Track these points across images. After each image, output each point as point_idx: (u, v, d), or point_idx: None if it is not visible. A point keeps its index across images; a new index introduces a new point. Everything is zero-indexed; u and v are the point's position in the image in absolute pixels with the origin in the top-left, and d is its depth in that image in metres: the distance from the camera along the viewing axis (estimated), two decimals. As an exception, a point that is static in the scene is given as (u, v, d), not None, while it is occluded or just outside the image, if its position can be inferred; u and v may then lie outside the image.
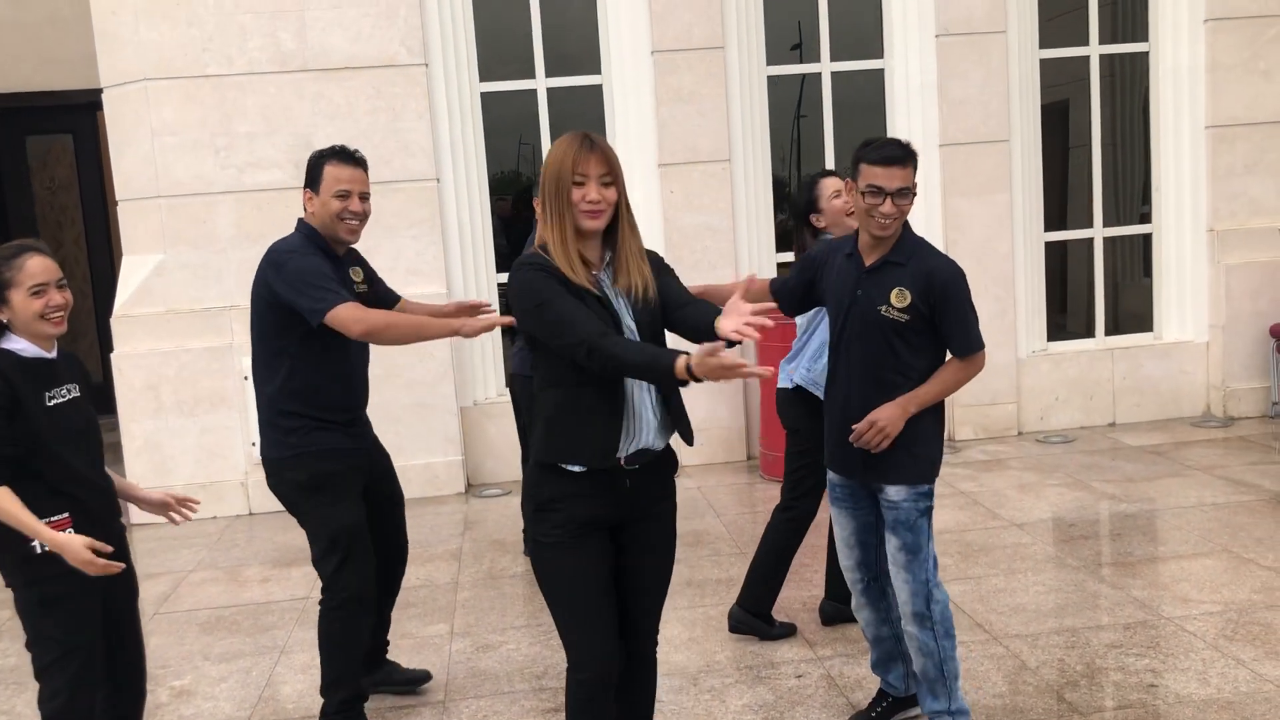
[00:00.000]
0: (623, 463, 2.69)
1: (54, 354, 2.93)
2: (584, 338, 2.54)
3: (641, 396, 2.72)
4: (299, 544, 5.85)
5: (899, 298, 3.20)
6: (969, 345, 3.26)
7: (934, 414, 3.28)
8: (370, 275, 3.87)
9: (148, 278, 6.59)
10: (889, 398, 3.20)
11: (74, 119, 9.91)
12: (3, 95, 9.67)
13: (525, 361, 4.88)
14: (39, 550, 2.79)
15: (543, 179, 2.71)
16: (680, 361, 2.49)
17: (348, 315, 3.38)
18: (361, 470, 3.66)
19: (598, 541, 2.72)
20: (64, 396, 2.91)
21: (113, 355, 6.55)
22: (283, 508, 3.70)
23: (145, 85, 6.51)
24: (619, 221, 2.74)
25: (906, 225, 3.35)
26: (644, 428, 2.72)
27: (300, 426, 3.53)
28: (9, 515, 2.73)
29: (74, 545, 2.74)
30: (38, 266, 2.82)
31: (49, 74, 9.48)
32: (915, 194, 3.28)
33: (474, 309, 3.74)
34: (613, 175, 2.69)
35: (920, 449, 3.24)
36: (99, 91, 6.75)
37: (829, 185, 4.19)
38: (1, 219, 9.94)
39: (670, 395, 2.81)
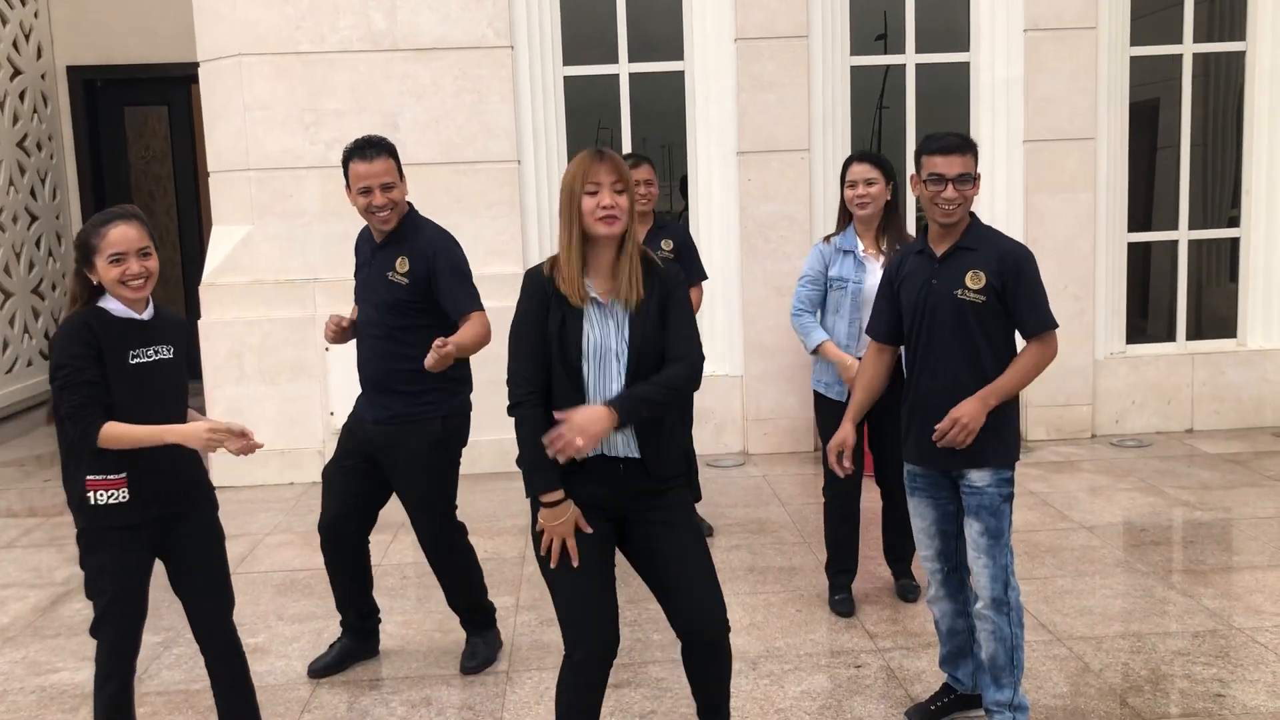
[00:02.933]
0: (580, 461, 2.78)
1: (147, 315, 3.03)
2: (513, 391, 2.85)
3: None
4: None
5: (974, 279, 3.23)
6: (1041, 323, 3.26)
7: (1013, 400, 3.31)
8: (428, 271, 3.83)
9: (235, 248, 6.78)
10: (972, 387, 3.21)
11: (170, 91, 10.20)
12: (104, 67, 9.99)
13: None
14: (92, 501, 2.96)
15: (560, 195, 2.84)
16: (544, 496, 2.79)
17: None
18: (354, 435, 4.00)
19: (597, 524, 2.81)
20: (149, 357, 3.00)
21: (200, 322, 6.76)
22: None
23: (239, 60, 6.68)
24: (628, 238, 2.83)
25: (974, 215, 3.37)
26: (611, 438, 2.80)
27: None
28: (127, 438, 2.90)
29: (195, 431, 2.95)
30: (118, 236, 2.93)
31: (148, 47, 9.78)
32: (978, 181, 3.33)
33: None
34: (624, 184, 2.78)
35: (1004, 434, 3.27)
36: (195, 65, 6.95)
37: (851, 171, 4.38)
38: (98, 187, 10.28)
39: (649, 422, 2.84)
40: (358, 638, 4.15)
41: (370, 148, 3.80)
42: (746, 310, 7.01)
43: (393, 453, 3.89)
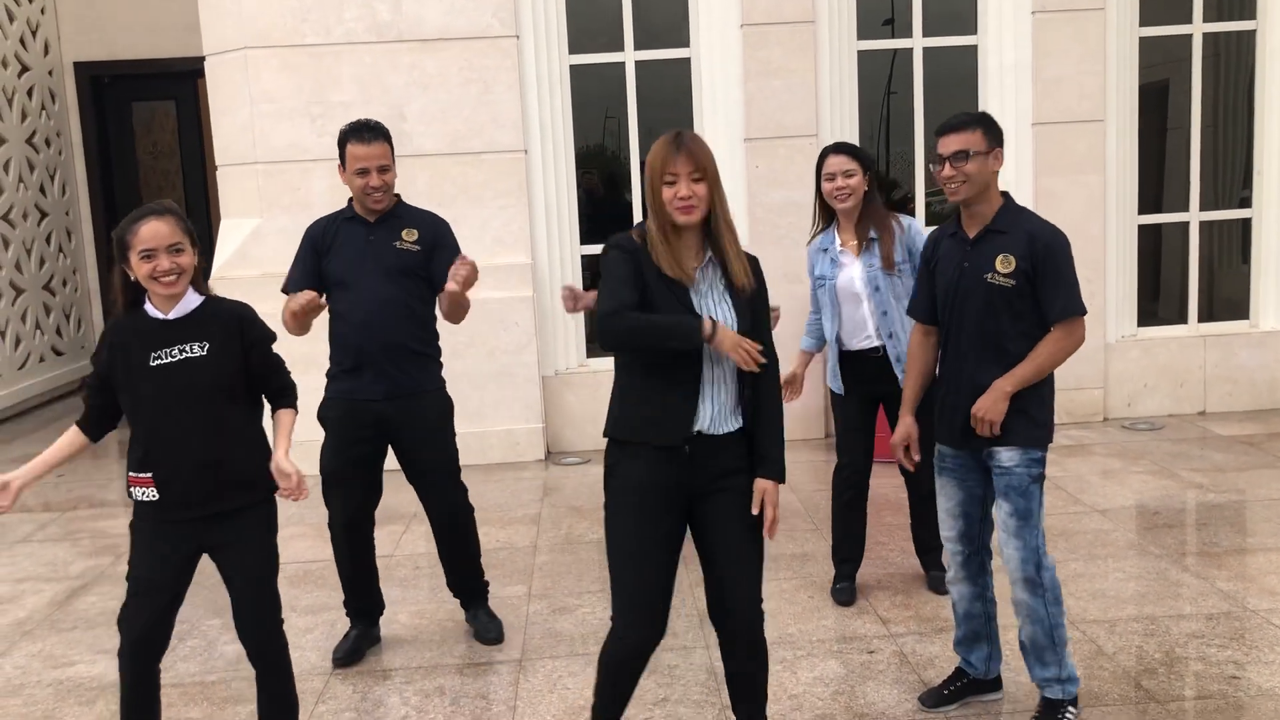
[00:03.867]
0: (685, 446, 2.81)
1: (174, 314, 2.99)
2: (615, 306, 2.73)
3: (714, 387, 2.82)
4: (385, 503, 6.00)
5: (1004, 264, 3.23)
6: (1068, 308, 3.25)
7: (1047, 379, 3.30)
8: (434, 241, 4.00)
9: (244, 241, 6.79)
10: (1004, 369, 3.21)
11: (177, 86, 10.23)
12: (111, 62, 10.01)
13: None
14: (131, 496, 3.04)
15: (645, 183, 2.85)
16: (706, 322, 2.74)
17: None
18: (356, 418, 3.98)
19: (657, 509, 2.81)
20: (173, 357, 2.97)
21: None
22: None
23: (245, 54, 6.69)
24: (715, 219, 2.83)
25: (1008, 196, 3.36)
26: (714, 412, 2.82)
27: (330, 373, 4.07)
28: (44, 456, 3.07)
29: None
30: (149, 232, 2.92)
31: (154, 42, 9.80)
32: (991, 156, 3.31)
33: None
34: (702, 172, 2.79)
35: (1034, 413, 3.26)
36: (201, 59, 6.96)
37: (828, 163, 4.30)
38: (107, 183, 10.31)
39: (758, 389, 2.89)
40: (368, 623, 4.20)
41: (368, 131, 3.91)
42: (756, 297, 6.99)
43: (410, 425, 3.96)
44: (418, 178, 6.51)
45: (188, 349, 2.99)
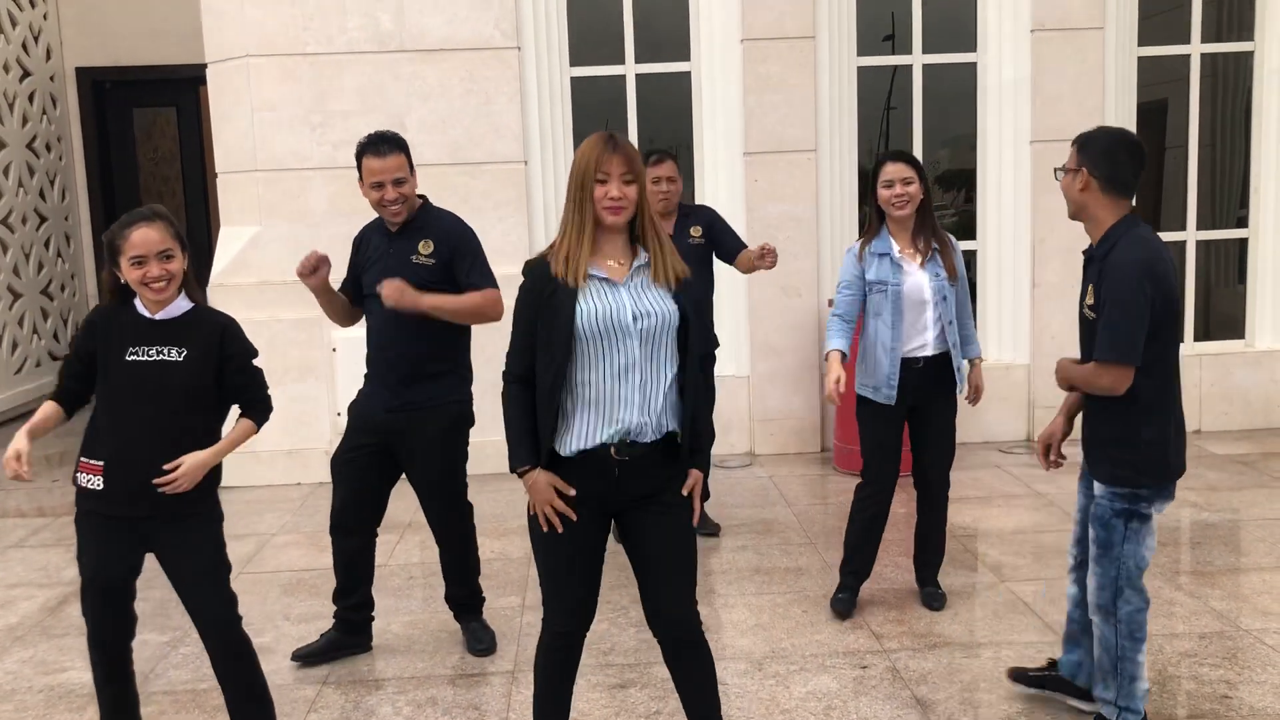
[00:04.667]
0: (613, 452, 2.82)
1: (160, 315, 3.05)
2: (511, 375, 2.92)
3: (623, 390, 2.82)
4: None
5: (1090, 295, 3.28)
6: (1103, 349, 3.17)
7: (1147, 416, 3.23)
8: (450, 251, 4.01)
9: (243, 249, 6.80)
10: (1098, 401, 3.31)
11: (178, 93, 10.24)
12: (112, 68, 10.03)
13: None
14: (77, 481, 3.10)
15: (570, 178, 2.85)
16: (518, 470, 2.92)
17: None
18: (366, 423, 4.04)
19: (586, 517, 2.87)
20: (148, 357, 3.02)
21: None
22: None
23: (247, 61, 6.70)
24: (641, 218, 2.86)
25: (1131, 217, 3.32)
26: (623, 415, 2.82)
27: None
28: (35, 425, 3.10)
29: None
30: (140, 238, 2.97)
31: (156, 48, 9.82)
32: (1078, 174, 3.50)
33: None
34: (634, 174, 2.81)
35: (1117, 453, 3.26)
36: (203, 66, 6.97)
37: (887, 170, 4.28)
38: (107, 188, 10.32)
39: (690, 397, 2.89)
40: (348, 629, 4.20)
41: (384, 143, 3.91)
42: (754, 310, 7.01)
43: (410, 437, 3.97)
44: (418, 187, 6.51)
45: (165, 352, 3.03)
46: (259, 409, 3.26)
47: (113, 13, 9.91)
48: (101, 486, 3.05)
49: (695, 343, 2.88)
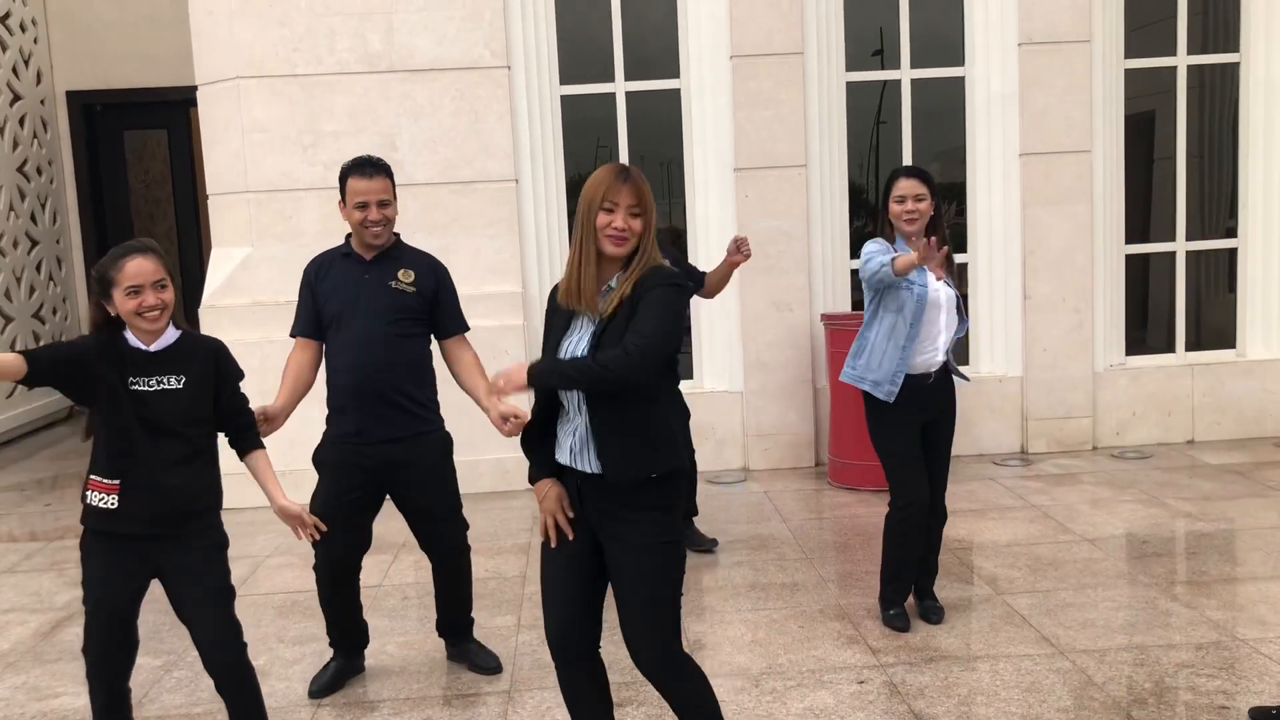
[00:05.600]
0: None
1: (155, 347, 3.08)
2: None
3: (571, 420, 2.86)
4: (374, 532, 5.99)
5: None
6: None
7: None
8: (436, 284, 4.01)
9: (235, 270, 6.79)
10: None
11: (169, 115, 10.25)
12: (103, 91, 10.04)
13: None
14: (88, 499, 3.11)
15: (579, 203, 2.84)
16: (543, 482, 2.94)
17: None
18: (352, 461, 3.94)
19: (558, 540, 2.91)
20: (150, 386, 3.06)
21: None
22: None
23: (237, 83, 6.71)
24: (640, 254, 2.83)
25: None
26: (563, 444, 2.88)
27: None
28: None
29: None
30: (134, 269, 2.99)
31: (147, 71, 9.84)
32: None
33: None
34: (642, 208, 2.80)
35: None
36: (194, 89, 6.98)
37: (900, 186, 4.28)
38: (98, 211, 10.31)
39: (605, 425, 2.81)
40: (350, 656, 4.18)
41: (370, 166, 3.92)
42: (746, 326, 7.02)
43: (409, 468, 3.93)
44: (409, 206, 6.51)
45: (165, 381, 3.08)
46: (252, 433, 3.35)
47: (103, 36, 9.93)
48: (115, 506, 3.06)
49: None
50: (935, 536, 4.50)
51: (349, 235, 4.03)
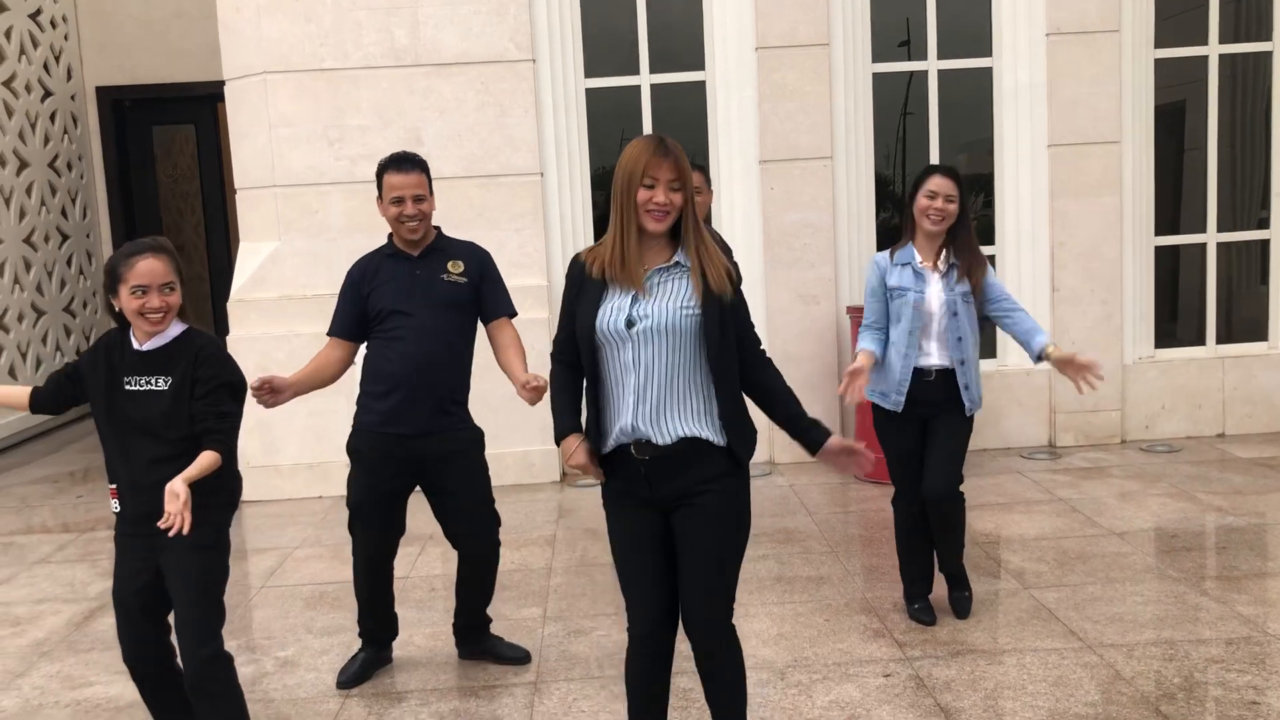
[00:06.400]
0: (633, 450, 2.86)
1: (147, 346, 3.07)
2: (552, 353, 2.97)
3: (620, 394, 2.86)
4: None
5: None
6: None
7: None
8: (480, 270, 4.06)
9: (262, 264, 6.84)
10: None
11: (197, 110, 10.34)
12: (132, 87, 10.13)
13: None
14: (112, 507, 3.15)
15: (615, 176, 2.82)
16: (570, 439, 2.93)
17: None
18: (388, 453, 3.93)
19: (636, 513, 2.91)
20: (140, 386, 3.06)
21: (228, 338, 6.82)
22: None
23: (264, 78, 6.75)
24: (684, 225, 2.85)
25: None
26: (621, 417, 2.86)
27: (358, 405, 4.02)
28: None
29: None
30: (144, 268, 2.98)
31: (175, 67, 9.93)
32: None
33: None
34: (681, 181, 2.80)
35: None
36: (221, 84, 7.03)
37: (931, 182, 4.25)
38: (127, 206, 10.41)
39: (765, 381, 2.96)
40: (379, 647, 4.21)
41: (406, 161, 3.92)
42: (771, 319, 7.00)
43: (445, 462, 3.93)
44: (435, 200, 6.54)
45: (152, 381, 3.06)
46: (216, 438, 3.04)
47: (132, 32, 10.01)
48: (119, 508, 3.15)
49: (727, 345, 2.83)
50: (939, 525, 4.36)
51: (390, 236, 4.01)
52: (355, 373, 4.09)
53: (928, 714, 3.63)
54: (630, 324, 2.80)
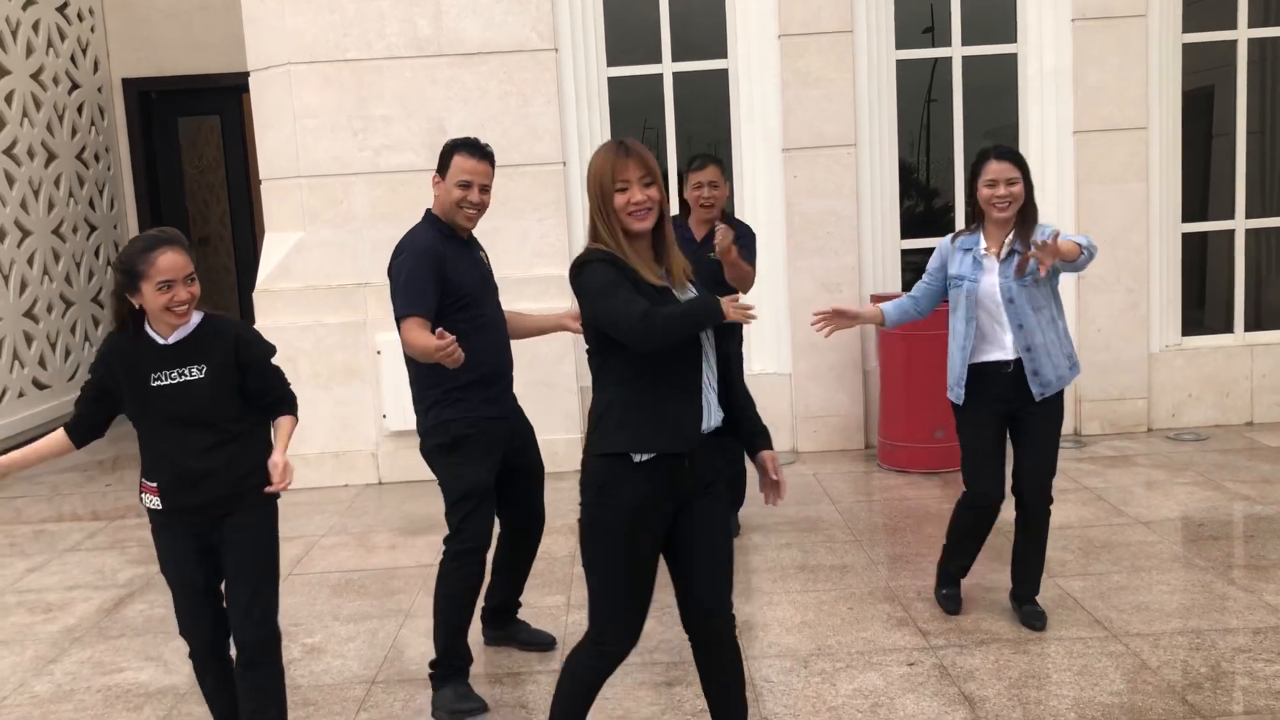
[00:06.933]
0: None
1: (173, 339, 3.05)
2: (644, 308, 2.67)
3: (707, 380, 2.86)
4: (425, 512, 6.08)
5: None
6: None
7: None
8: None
9: (288, 254, 6.88)
10: None
11: (222, 101, 10.39)
12: (158, 79, 10.19)
13: None
14: (143, 503, 3.16)
15: (589, 193, 2.81)
16: (717, 299, 2.77)
17: (405, 331, 3.70)
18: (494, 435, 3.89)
19: (651, 529, 2.81)
20: (171, 379, 3.03)
21: (253, 329, 6.87)
22: (410, 479, 3.95)
23: (288, 69, 6.79)
24: (663, 225, 2.85)
25: None
26: (710, 409, 2.85)
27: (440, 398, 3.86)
28: (31, 450, 3.14)
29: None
30: (167, 263, 2.94)
31: (200, 58, 9.98)
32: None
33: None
34: (652, 176, 2.79)
35: None
36: (245, 75, 7.07)
37: (990, 169, 4.03)
38: (154, 197, 10.48)
39: (729, 379, 2.95)
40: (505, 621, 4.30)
41: (480, 150, 3.89)
42: (795, 307, 6.99)
43: (524, 435, 4.06)
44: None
45: (186, 372, 3.05)
46: (287, 403, 3.28)
47: (157, 24, 10.07)
48: (160, 506, 3.12)
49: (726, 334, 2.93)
50: (1024, 541, 4.22)
51: (428, 219, 3.88)
52: (386, 362, 4.11)
53: (951, 703, 3.62)
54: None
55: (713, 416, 2.86)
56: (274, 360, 3.26)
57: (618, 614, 2.86)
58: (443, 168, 3.87)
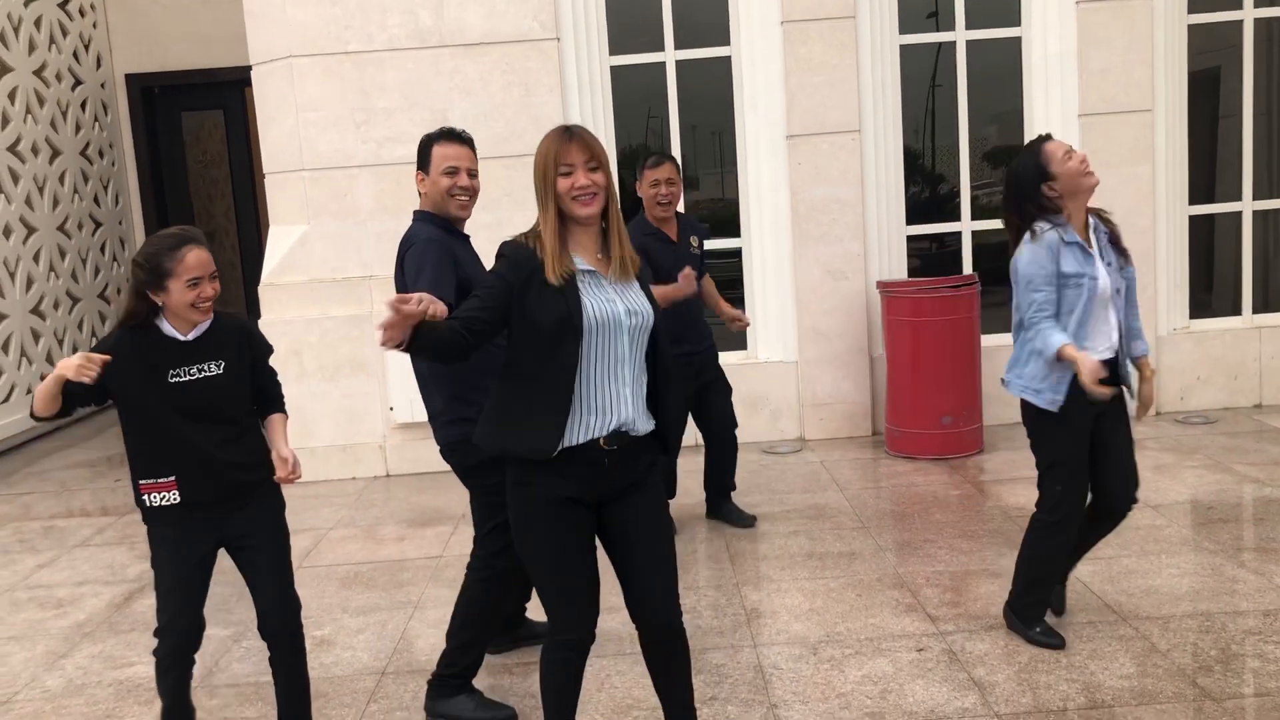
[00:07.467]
0: (602, 443, 2.76)
1: (191, 335, 3.09)
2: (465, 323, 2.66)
3: (616, 386, 2.78)
4: (433, 505, 6.09)
5: None
6: None
7: None
8: None
9: (292, 248, 6.88)
10: None
11: (225, 95, 10.38)
12: (160, 74, 10.19)
13: None
14: (149, 503, 3.13)
15: (535, 180, 2.77)
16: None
17: None
18: None
19: (574, 513, 2.79)
20: (192, 375, 3.08)
21: (259, 322, 6.88)
22: (418, 471, 3.92)
23: (290, 62, 6.78)
24: (610, 214, 2.80)
25: None
26: (618, 410, 2.78)
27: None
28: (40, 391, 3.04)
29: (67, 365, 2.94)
30: (195, 260, 3.01)
31: (202, 53, 9.98)
32: None
33: None
34: (597, 161, 2.74)
35: None
36: (248, 69, 7.06)
37: (1057, 148, 3.68)
38: (158, 192, 10.49)
39: (660, 392, 2.90)
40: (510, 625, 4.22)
41: (456, 135, 3.76)
42: (800, 295, 6.98)
43: None
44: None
45: (205, 368, 3.11)
46: (280, 403, 3.38)
47: (159, 19, 10.07)
48: (178, 500, 3.11)
49: (661, 335, 2.89)
50: (1102, 531, 4.00)
51: (421, 215, 3.75)
52: (393, 355, 4.09)
53: (961, 688, 3.62)
54: (628, 314, 2.76)
55: (615, 420, 2.76)
56: (271, 360, 3.38)
57: (562, 603, 2.85)
58: (423, 163, 3.73)
